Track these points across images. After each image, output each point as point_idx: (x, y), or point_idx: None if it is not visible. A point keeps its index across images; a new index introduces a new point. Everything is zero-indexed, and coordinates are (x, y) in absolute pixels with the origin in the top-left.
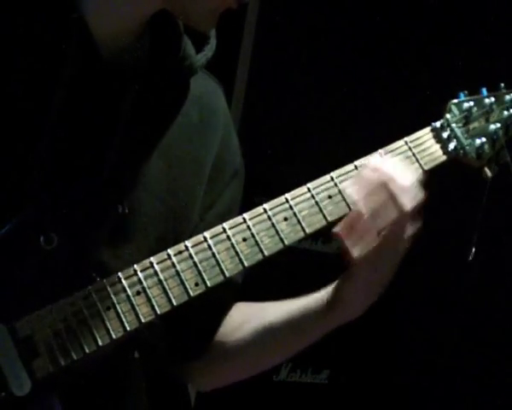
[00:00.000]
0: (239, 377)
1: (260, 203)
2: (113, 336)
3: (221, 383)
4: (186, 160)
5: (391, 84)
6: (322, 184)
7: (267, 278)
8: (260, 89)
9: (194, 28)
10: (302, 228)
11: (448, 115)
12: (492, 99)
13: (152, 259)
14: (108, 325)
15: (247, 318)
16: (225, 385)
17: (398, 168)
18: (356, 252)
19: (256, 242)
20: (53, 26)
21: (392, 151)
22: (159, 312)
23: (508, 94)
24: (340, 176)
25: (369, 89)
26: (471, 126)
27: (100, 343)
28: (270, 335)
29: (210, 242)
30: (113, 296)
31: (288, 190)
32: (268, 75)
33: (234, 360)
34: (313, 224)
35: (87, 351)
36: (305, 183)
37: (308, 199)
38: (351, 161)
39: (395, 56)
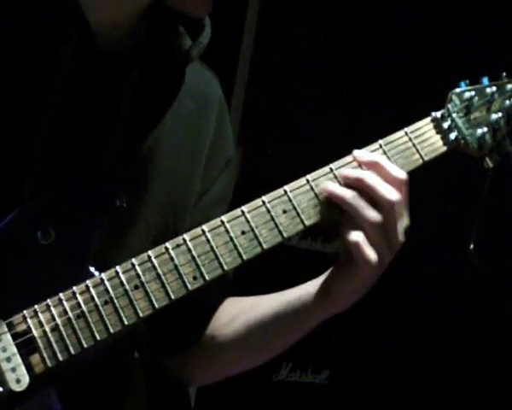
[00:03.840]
0: (230, 371)
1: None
2: (111, 331)
3: (213, 378)
4: (182, 149)
5: (391, 75)
6: (321, 176)
7: (267, 277)
8: (260, 89)
9: (189, 14)
10: (301, 220)
11: (449, 105)
12: (494, 88)
13: (150, 252)
14: (106, 319)
15: (237, 312)
16: (217, 380)
17: (383, 160)
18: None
19: (255, 235)
20: (49, 15)
21: (392, 142)
22: (157, 306)
23: (509, 83)
24: (339, 167)
25: (369, 86)
26: (472, 116)
27: (98, 338)
28: (259, 329)
29: (208, 235)
30: (110, 291)
31: None
32: (268, 75)
33: (225, 353)
34: (312, 216)
35: (85, 346)
36: None
37: (307, 191)
38: None
39: (395, 47)
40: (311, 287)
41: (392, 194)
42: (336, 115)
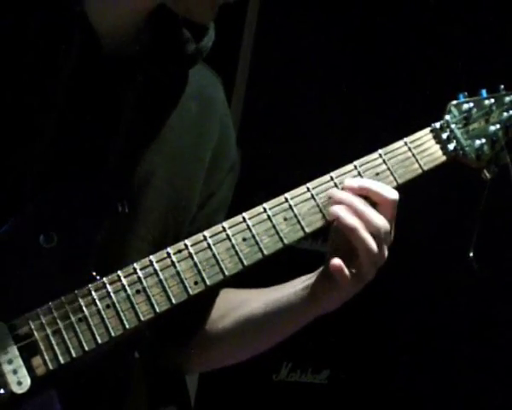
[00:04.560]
0: (224, 362)
1: (260, 203)
2: (113, 335)
3: (208, 367)
4: (186, 152)
5: (391, 85)
6: (321, 184)
7: (266, 277)
8: (260, 89)
9: (194, 20)
10: (301, 227)
11: (448, 116)
12: (492, 100)
13: (151, 257)
14: (108, 323)
15: (227, 309)
16: (214, 368)
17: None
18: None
19: (256, 241)
20: (55, 20)
21: (391, 151)
22: (158, 310)
23: (507, 95)
24: (339, 176)
25: (370, 88)
26: (471, 127)
27: (99, 341)
28: (247, 327)
29: (209, 241)
30: (112, 295)
31: (288, 190)
32: (268, 76)
33: (216, 347)
34: (312, 223)
35: (86, 349)
36: (305, 183)
37: (308, 199)
38: (351, 160)
39: (395, 57)
40: (299, 289)
41: (380, 221)
42: (337, 116)
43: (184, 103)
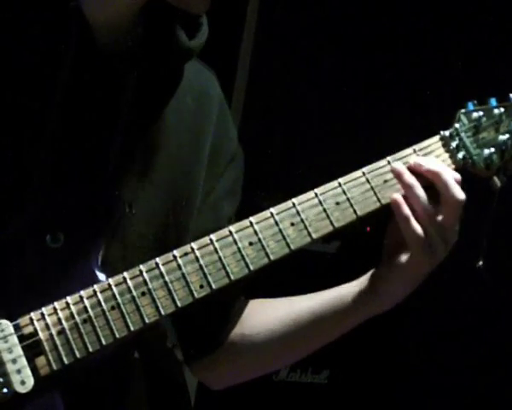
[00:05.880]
0: (259, 371)
1: (260, 203)
2: (117, 336)
3: (240, 379)
4: (184, 148)
5: (399, 91)
6: (329, 190)
7: (266, 277)
8: (260, 89)
9: (187, 11)
10: (309, 233)
11: (457, 125)
12: (502, 109)
13: (158, 260)
14: (112, 324)
15: (269, 312)
16: (241, 382)
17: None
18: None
19: (262, 246)
20: (50, 16)
21: (400, 159)
22: (163, 313)
23: None
24: (347, 182)
25: (371, 81)
26: (480, 136)
27: (103, 343)
28: (295, 327)
29: (216, 245)
30: (118, 296)
31: (288, 190)
32: (268, 76)
33: (256, 353)
34: (320, 229)
35: (91, 350)
36: (305, 182)
37: (315, 205)
38: (352, 160)
39: (403, 64)
40: (353, 287)
41: (461, 194)
42: (337, 115)
43: (181, 99)
